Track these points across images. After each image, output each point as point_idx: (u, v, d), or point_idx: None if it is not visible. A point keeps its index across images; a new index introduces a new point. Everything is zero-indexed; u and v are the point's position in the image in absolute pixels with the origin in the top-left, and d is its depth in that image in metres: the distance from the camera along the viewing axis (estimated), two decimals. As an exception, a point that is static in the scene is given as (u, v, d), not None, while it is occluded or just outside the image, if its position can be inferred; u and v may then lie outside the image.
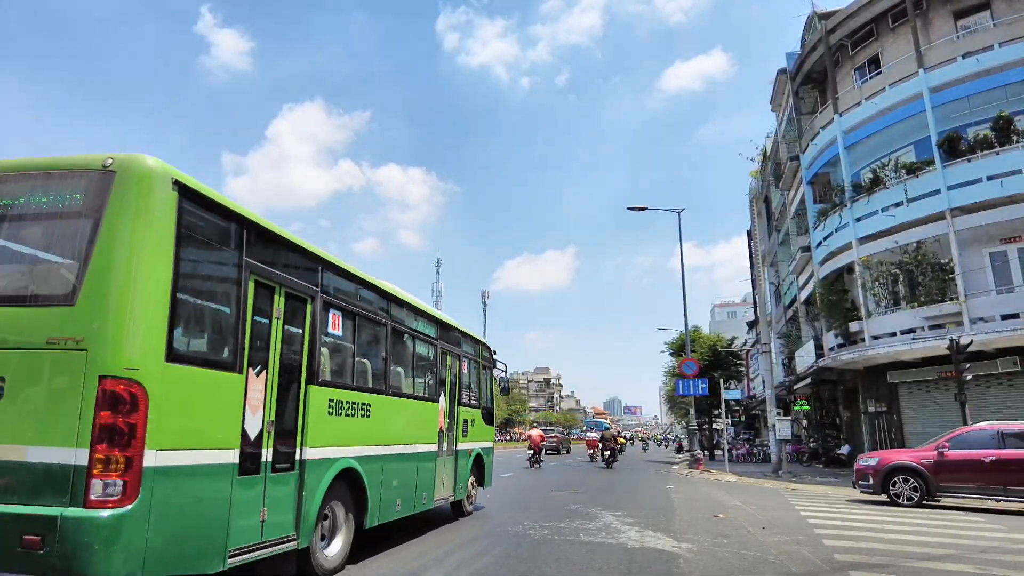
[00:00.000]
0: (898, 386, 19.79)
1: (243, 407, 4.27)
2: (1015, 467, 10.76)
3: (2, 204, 3.88)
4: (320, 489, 5.18)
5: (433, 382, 8.37)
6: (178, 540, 3.66)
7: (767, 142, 33.92)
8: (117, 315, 3.39)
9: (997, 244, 17.04)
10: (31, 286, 3.76)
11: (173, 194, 3.79)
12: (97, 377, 3.30)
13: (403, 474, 6.96)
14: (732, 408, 41.20)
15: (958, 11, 19.33)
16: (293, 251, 5.16)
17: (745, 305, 72.40)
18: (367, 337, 6.55)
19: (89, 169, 3.72)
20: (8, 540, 3.16)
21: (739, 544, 7.07)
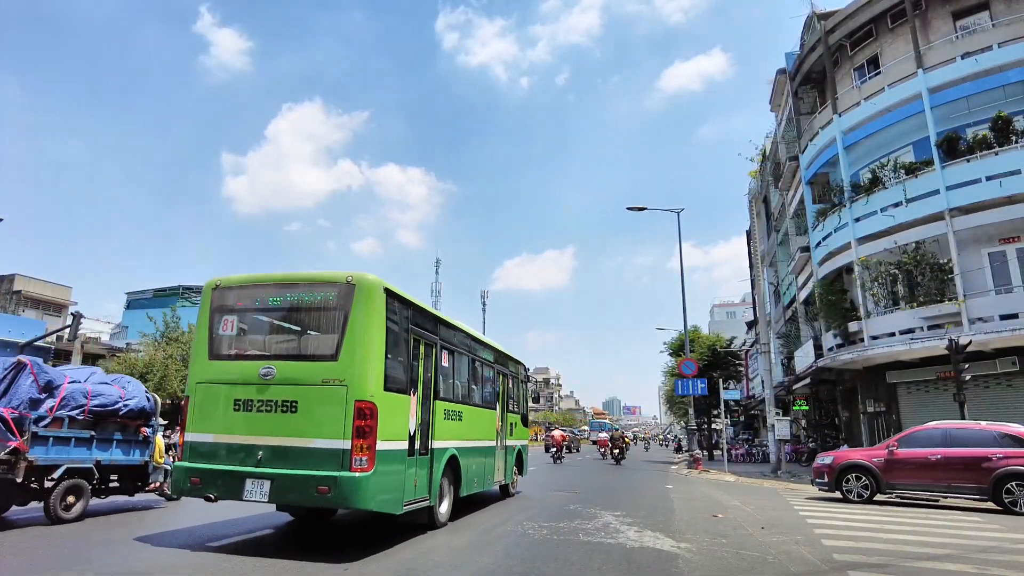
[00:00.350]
0: (897, 386, 19.80)
1: (408, 415, 7.00)
2: (958, 465, 11.31)
3: (291, 300, 6.80)
4: (439, 468, 7.82)
5: (492, 395, 11.04)
6: (387, 491, 6.34)
7: (766, 142, 33.94)
8: (361, 367, 6.15)
9: (996, 244, 17.05)
10: (311, 349, 6.72)
11: (383, 296, 6.51)
12: (354, 401, 6.00)
13: (478, 461, 9.78)
14: (731, 408, 41.19)
15: (957, 11, 19.34)
16: (427, 316, 7.99)
17: (744, 305, 72.45)
18: (459, 365, 9.22)
19: (340, 282, 6.48)
20: (310, 489, 5.87)
21: (738, 544, 7.06)
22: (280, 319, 7.14)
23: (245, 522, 8.14)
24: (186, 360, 28.89)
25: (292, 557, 5.90)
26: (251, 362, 6.55)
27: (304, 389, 6.22)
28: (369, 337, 6.30)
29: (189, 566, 5.53)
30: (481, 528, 8.03)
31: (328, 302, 6.61)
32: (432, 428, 7.70)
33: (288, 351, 6.78)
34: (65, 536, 6.96)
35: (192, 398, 6.71)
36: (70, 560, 5.81)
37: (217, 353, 6.79)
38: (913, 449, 11.98)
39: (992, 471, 10.96)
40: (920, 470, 11.73)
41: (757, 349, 35.94)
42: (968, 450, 11.38)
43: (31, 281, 34.19)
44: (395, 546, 6.51)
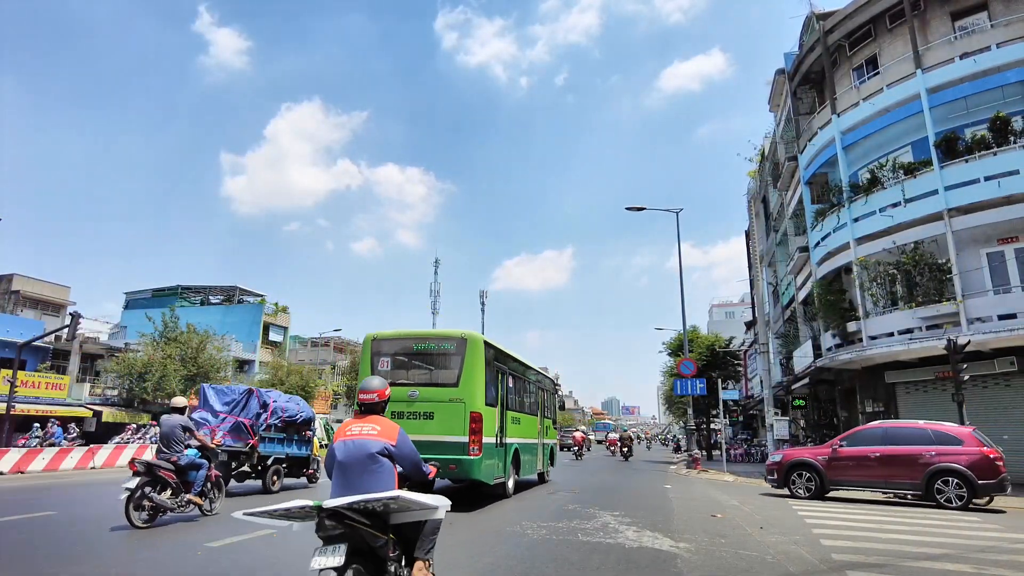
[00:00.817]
0: (896, 386, 19.80)
1: (495, 421, 10.86)
2: (895, 462, 11.91)
3: (425, 348, 10.82)
4: (510, 457, 11.78)
5: (535, 405, 14.90)
6: (487, 469, 10.12)
7: (765, 142, 33.96)
8: (472, 391, 10.01)
9: (994, 244, 17.05)
10: (440, 379, 10.43)
11: (483, 345, 10.35)
12: (469, 411, 9.84)
13: (529, 454, 13.68)
14: (730, 408, 41.20)
15: (956, 12, 19.35)
16: (503, 354, 12.02)
17: (743, 305, 72.48)
18: (518, 385, 13.15)
19: (457, 337, 10.48)
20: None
21: (737, 544, 7.07)
22: (419, 360, 11.14)
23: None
24: (184, 360, 28.86)
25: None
26: (401, 387, 10.14)
27: (438, 404, 10.09)
28: (476, 371, 10.28)
29: None
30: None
31: (450, 350, 10.61)
32: (505, 429, 11.59)
33: (425, 380, 10.77)
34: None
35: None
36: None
37: None
38: (855, 447, 12.57)
39: (925, 467, 11.48)
40: (861, 467, 12.31)
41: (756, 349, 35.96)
42: (905, 448, 11.92)
43: (29, 281, 34.12)
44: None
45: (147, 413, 30.44)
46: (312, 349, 57.59)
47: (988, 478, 10.97)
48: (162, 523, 7.80)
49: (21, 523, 8.21)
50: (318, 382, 40.23)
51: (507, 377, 12.07)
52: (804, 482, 12.90)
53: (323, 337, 54.37)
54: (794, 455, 13.65)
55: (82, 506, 10.54)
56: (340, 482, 3.56)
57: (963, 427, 12.27)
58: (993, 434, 16.73)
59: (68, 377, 29.39)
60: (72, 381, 29.49)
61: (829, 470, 12.65)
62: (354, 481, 3.49)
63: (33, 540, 6.88)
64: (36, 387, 26.83)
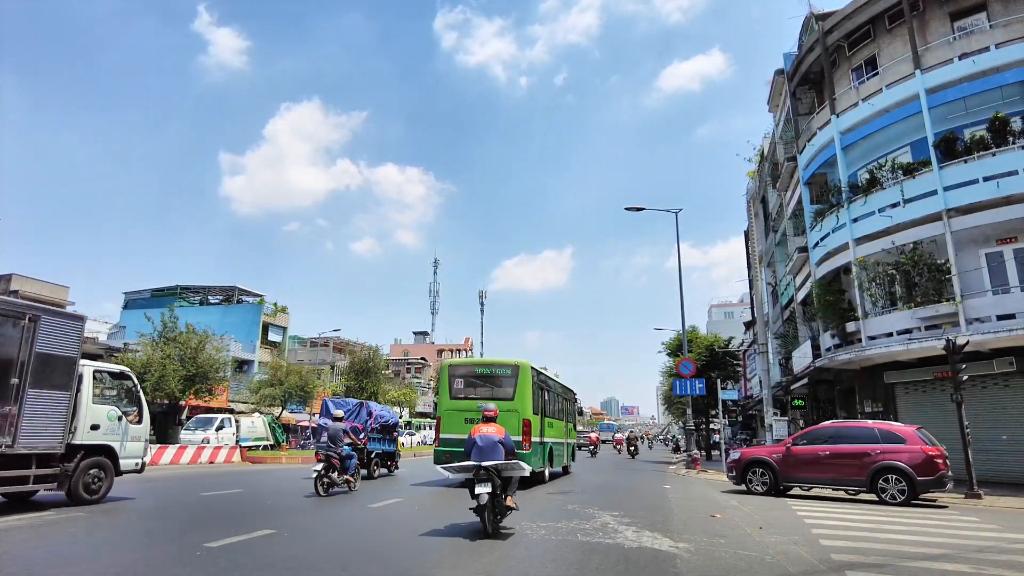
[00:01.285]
0: (895, 386, 19.82)
1: (539, 425, 14.53)
2: (843, 460, 12.56)
3: (492, 372, 14.56)
4: (546, 452, 15.38)
5: (562, 412, 18.41)
6: (535, 460, 13.74)
7: (764, 143, 33.98)
8: (524, 403, 13.76)
9: (993, 245, 17.06)
10: (501, 395, 13.75)
11: (531, 369, 14.34)
12: (522, 418, 13.52)
13: (559, 451, 17.15)
14: (729, 408, 41.20)
15: (955, 12, 19.36)
16: (543, 374, 16.14)
17: (742, 305, 72.49)
18: (548, 396, 16.35)
19: (513, 364, 14.33)
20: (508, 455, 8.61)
21: (736, 544, 7.07)
22: (483, 381, 14.60)
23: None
24: (183, 360, 28.80)
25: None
26: (472, 400, 13.57)
27: (503, 413, 11.18)
28: (526, 389, 13.95)
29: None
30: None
31: (507, 373, 14.20)
32: (543, 432, 15.13)
33: (489, 395, 13.71)
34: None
35: (443, 418, 14.31)
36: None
37: (455, 396, 14.33)
38: (807, 446, 13.27)
39: (871, 465, 12.10)
40: (811, 465, 12.94)
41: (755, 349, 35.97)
42: (852, 446, 12.57)
43: (28, 281, 34.08)
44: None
45: (146, 413, 30.36)
46: (311, 349, 57.57)
47: (927, 475, 11.60)
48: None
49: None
50: (317, 382, 40.18)
51: (544, 392, 16.03)
52: (759, 479, 13.57)
53: (322, 337, 54.34)
54: (751, 453, 14.41)
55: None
56: (478, 455, 7.34)
57: (908, 427, 12.86)
58: (992, 434, 16.80)
59: (67, 377, 29.27)
60: (71, 381, 29.37)
61: (783, 467, 13.30)
62: (488, 455, 7.33)
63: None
64: (35, 387, 26.71)
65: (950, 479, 11.99)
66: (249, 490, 12.86)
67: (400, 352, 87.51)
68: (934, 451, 11.91)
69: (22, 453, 8.47)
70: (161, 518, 8.96)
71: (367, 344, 55.91)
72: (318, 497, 11.01)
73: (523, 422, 13.37)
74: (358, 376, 46.78)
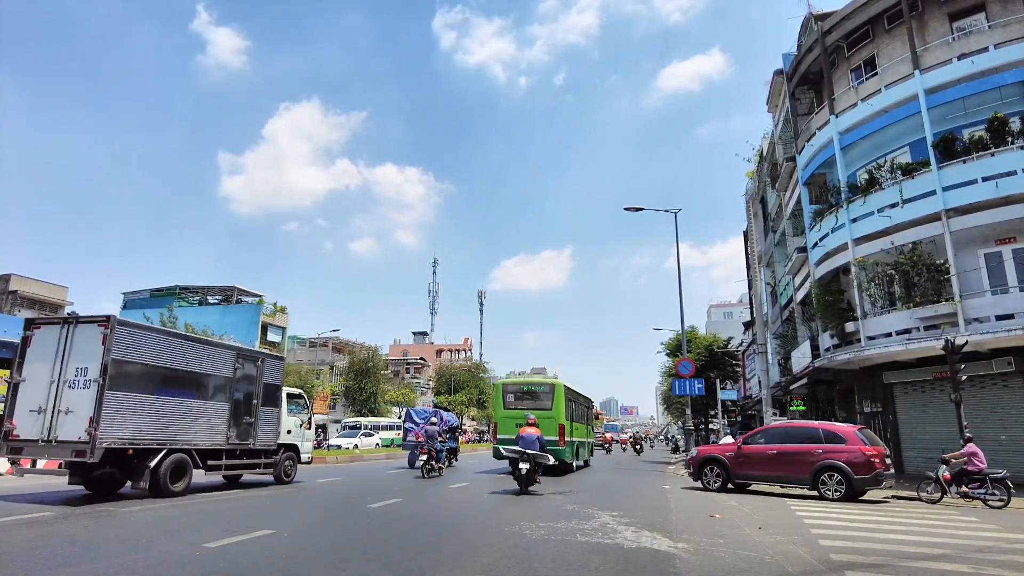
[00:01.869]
0: (894, 386, 19.83)
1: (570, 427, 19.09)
2: (790, 459, 13.28)
3: (535, 389, 19.17)
4: (574, 449, 19.56)
5: (582, 416, 22.28)
6: (567, 456, 18.39)
7: (763, 143, 33.99)
8: (559, 411, 18.30)
9: (992, 245, 17.08)
10: (541, 406, 18.25)
11: (564, 387, 19.02)
12: (558, 423, 18.07)
13: (582, 447, 21.53)
14: (728, 408, 41.24)
15: (953, 13, 19.38)
16: (571, 389, 20.39)
17: (741, 306, 72.51)
18: (575, 406, 20.51)
19: (551, 382, 19.47)
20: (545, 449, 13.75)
21: (735, 544, 7.07)
22: (528, 396, 18.64)
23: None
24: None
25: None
26: (519, 410, 17.49)
27: (541, 419, 15.86)
28: (560, 401, 18.21)
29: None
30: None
31: (546, 389, 18.67)
32: (572, 432, 19.06)
33: (532, 406, 17.72)
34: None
35: (498, 423, 18.63)
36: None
37: (507, 407, 18.65)
38: (757, 445, 14.04)
39: (813, 463, 12.82)
40: (760, 463, 13.72)
41: (754, 349, 35.98)
42: (798, 446, 13.30)
43: (27, 281, 34.08)
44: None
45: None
46: (311, 349, 57.56)
47: (865, 474, 12.25)
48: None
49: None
50: (316, 382, 40.17)
51: (572, 403, 20.02)
52: (713, 476, 14.31)
53: (321, 337, 54.33)
54: (706, 451, 15.30)
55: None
56: (523, 446, 12.77)
57: (849, 427, 13.43)
58: (991, 434, 16.80)
59: (66, 377, 29.31)
60: (70, 381, 29.39)
61: (735, 465, 14.05)
62: (528, 447, 12.74)
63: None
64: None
65: (887, 477, 12.52)
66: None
67: (399, 352, 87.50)
68: (872, 451, 12.47)
69: (258, 448, 13.13)
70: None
71: (366, 344, 56.02)
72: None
73: (559, 427, 18.01)
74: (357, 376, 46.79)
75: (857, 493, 12.57)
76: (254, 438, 12.88)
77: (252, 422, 12.83)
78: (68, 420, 9.74)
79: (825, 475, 12.64)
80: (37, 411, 9.92)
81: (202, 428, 11.67)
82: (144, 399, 10.44)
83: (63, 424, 9.75)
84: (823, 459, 12.72)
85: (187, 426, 11.30)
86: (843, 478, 12.40)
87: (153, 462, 10.36)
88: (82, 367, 9.89)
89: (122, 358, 10.05)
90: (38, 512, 8.52)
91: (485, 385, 69.16)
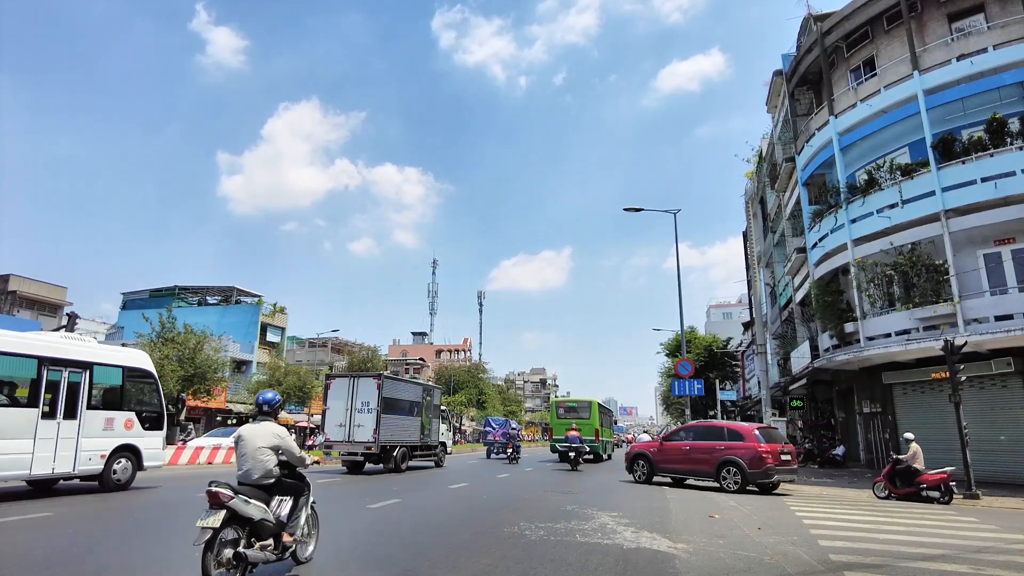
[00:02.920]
0: (893, 387, 19.84)
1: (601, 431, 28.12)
2: (699, 454, 14.83)
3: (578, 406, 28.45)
4: (604, 446, 28.60)
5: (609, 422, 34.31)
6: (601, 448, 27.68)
7: (763, 144, 34.02)
8: (594, 420, 27.44)
9: (991, 246, 17.09)
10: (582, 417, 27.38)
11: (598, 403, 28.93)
12: (594, 428, 27.11)
13: (608, 444, 30.83)
14: (728, 409, 41.21)
15: (952, 14, 19.39)
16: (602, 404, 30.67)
17: (740, 306, 72.53)
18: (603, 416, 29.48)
19: (589, 401, 28.71)
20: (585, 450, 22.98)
21: (735, 545, 7.07)
22: (573, 409, 28.01)
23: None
24: (181, 360, 28.77)
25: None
26: (568, 420, 26.43)
27: (582, 426, 25.44)
28: (595, 413, 27.53)
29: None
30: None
31: (585, 404, 28.15)
32: (603, 434, 28.06)
33: (576, 417, 26.87)
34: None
35: (553, 428, 28.29)
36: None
37: (559, 418, 27.72)
38: (675, 442, 15.76)
39: (717, 459, 14.26)
40: (677, 458, 15.36)
41: (753, 350, 36.00)
42: (706, 442, 14.85)
43: (26, 281, 34.04)
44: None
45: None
46: (310, 350, 57.52)
47: (756, 468, 13.60)
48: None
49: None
50: (315, 383, 40.13)
51: (602, 414, 28.37)
52: (640, 469, 16.10)
53: (321, 338, 54.30)
54: (637, 447, 17.13)
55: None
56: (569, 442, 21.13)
57: (749, 426, 15.11)
58: (990, 434, 16.83)
59: (65, 378, 29.25)
60: (69, 382, 29.34)
61: (657, 460, 15.77)
62: (573, 443, 21.04)
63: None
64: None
65: (778, 472, 13.81)
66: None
67: (399, 353, 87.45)
68: (765, 448, 13.75)
69: (431, 444, 20.96)
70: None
71: (365, 345, 55.97)
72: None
73: (595, 430, 26.52)
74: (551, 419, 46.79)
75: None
76: (429, 438, 20.75)
77: (429, 429, 20.76)
78: (359, 430, 17.25)
79: (725, 469, 14.02)
80: (339, 425, 17.54)
81: (411, 433, 19.30)
82: (392, 417, 18.11)
83: (356, 433, 17.28)
84: (724, 455, 14.16)
85: (406, 432, 18.95)
86: (739, 472, 13.73)
87: (396, 453, 17.95)
88: (366, 401, 17.54)
89: (386, 396, 17.80)
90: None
91: (484, 385, 69.11)
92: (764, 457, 13.55)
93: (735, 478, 13.75)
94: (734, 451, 14.01)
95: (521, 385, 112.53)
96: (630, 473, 16.33)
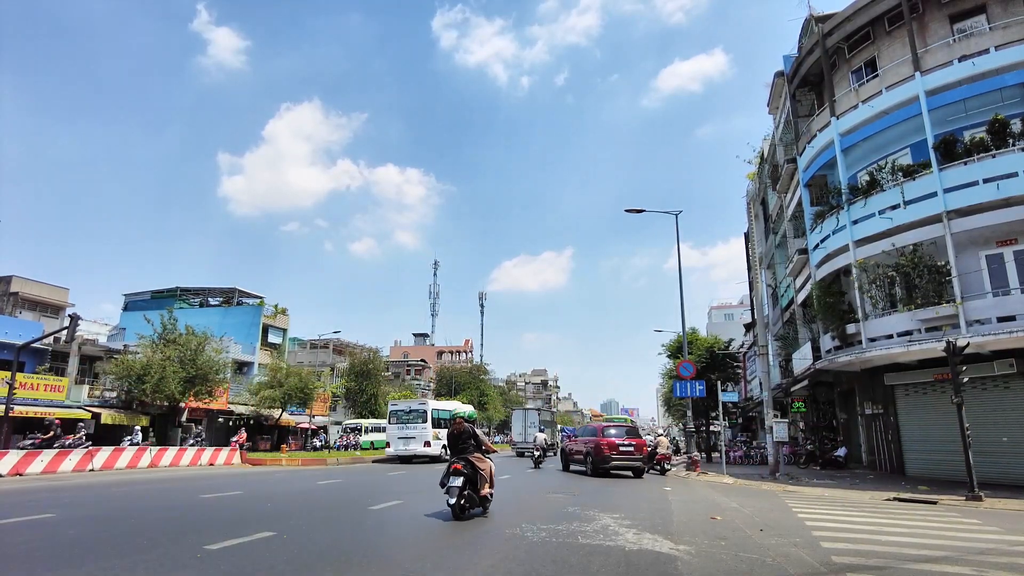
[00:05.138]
0: (895, 388, 19.81)
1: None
2: (579, 447, 20.50)
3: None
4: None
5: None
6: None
7: (764, 144, 34.00)
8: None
9: (993, 247, 17.07)
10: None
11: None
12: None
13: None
14: (729, 410, 41.14)
15: (954, 14, 19.39)
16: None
17: (742, 307, 72.50)
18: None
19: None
20: None
21: (737, 546, 7.06)
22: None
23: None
24: (183, 362, 28.80)
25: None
26: None
27: None
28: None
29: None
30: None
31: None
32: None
33: None
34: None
35: None
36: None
37: None
38: (579, 438, 21.61)
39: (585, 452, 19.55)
40: (574, 451, 21.21)
41: (755, 351, 35.93)
42: (585, 438, 20.35)
43: (28, 283, 34.10)
44: None
45: (146, 415, 30.36)
46: (311, 351, 57.53)
47: (598, 456, 18.63)
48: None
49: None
50: (317, 384, 40.13)
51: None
52: (563, 461, 22.16)
53: (322, 339, 54.32)
54: (566, 445, 23.03)
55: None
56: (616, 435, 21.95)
57: (601, 424, 21.59)
58: (992, 436, 16.79)
59: (67, 379, 29.32)
60: (71, 383, 29.41)
61: (568, 453, 21.79)
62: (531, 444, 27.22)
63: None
64: (35, 389, 26.77)
65: (613, 460, 18.62)
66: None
67: (400, 354, 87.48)
68: (604, 442, 18.85)
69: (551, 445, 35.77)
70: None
71: (367, 346, 56.00)
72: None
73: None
74: (358, 378, 46.76)
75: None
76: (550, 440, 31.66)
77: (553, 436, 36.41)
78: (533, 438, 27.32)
79: (587, 459, 19.20)
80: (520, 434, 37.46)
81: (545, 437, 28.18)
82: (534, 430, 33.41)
83: (530, 439, 31.35)
84: (587, 447, 19.43)
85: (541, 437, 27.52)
86: (592, 460, 18.89)
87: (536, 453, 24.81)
88: (534, 421, 37.30)
89: (542, 419, 38.11)
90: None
91: (485, 387, 69.09)
92: (602, 448, 18.65)
93: (589, 465, 19.05)
94: (589, 444, 19.42)
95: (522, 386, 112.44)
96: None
